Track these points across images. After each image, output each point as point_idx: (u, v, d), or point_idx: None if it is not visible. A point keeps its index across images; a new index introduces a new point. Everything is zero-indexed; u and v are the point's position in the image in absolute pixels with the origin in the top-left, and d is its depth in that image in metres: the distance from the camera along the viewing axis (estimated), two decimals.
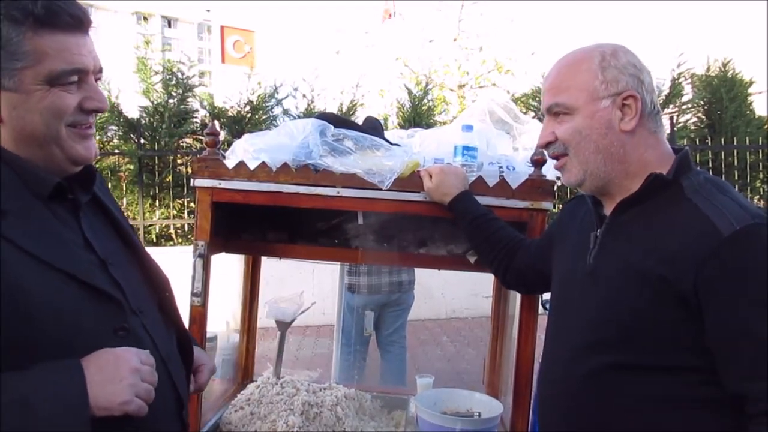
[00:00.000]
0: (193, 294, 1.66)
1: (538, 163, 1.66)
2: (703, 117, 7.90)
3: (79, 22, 0.94)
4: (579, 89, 1.14)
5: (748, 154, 7.45)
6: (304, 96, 7.63)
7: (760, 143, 7.47)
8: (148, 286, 1.10)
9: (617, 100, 1.12)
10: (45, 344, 0.87)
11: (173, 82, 7.13)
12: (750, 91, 8.00)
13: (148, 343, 1.00)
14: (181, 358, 1.14)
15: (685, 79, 7.90)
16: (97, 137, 6.39)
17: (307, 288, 2.36)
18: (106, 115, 6.47)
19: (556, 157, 1.21)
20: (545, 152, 1.28)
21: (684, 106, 7.85)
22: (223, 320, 2.39)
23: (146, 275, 1.10)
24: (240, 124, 7.13)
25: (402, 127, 7.29)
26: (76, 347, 0.89)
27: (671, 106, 7.71)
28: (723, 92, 7.60)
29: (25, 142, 0.94)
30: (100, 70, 1.00)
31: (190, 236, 6.95)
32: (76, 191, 1.01)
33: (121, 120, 6.79)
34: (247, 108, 7.42)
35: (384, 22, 12.18)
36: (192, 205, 6.98)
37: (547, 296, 1.47)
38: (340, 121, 1.81)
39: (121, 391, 0.88)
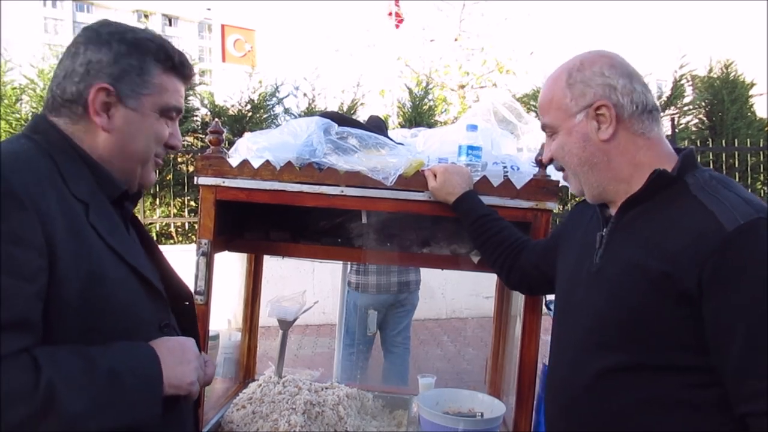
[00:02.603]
0: (195, 292, 1.66)
1: (542, 163, 1.66)
2: (705, 119, 7.90)
3: (192, 76, 1.16)
4: (556, 109, 1.19)
5: (749, 155, 7.45)
6: (305, 95, 7.64)
7: (761, 145, 7.47)
8: (169, 295, 1.16)
9: (590, 112, 1.14)
10: (110, 330, 0.94)
11: None
12: (751, 92, 8.00)
13: None
14: None
15: (687, 81, 7.90)
16: None
17: (307, 287, 2.35)
18: None
19: (561, 170, 1.28)
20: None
21: (685, 108, 7.85)
22: (224, 319, 2.39)
23: (166, 283, 1.16)
24: (241, 123, 7.13)
25: (403, 126, 7.28)
26: (133, 336, 0.97)
27: (672, 107, 7.71)
28: (724, 94, 7.61)
29: (121, 153, 1.06)
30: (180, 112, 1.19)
31: (190, 234, 6.95)
32: (128, 202, 1.14)
33: None
34: (248, 107, 7.42)
35: (389, 20, 12.14)
36: (192, 203, 6.98)
37: (551, 297, 1.47)
38: (344, 119, 1.81)
39: (190, 372, 0.99)
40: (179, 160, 7.00)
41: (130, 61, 1.03)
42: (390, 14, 11.99)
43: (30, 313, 0.84)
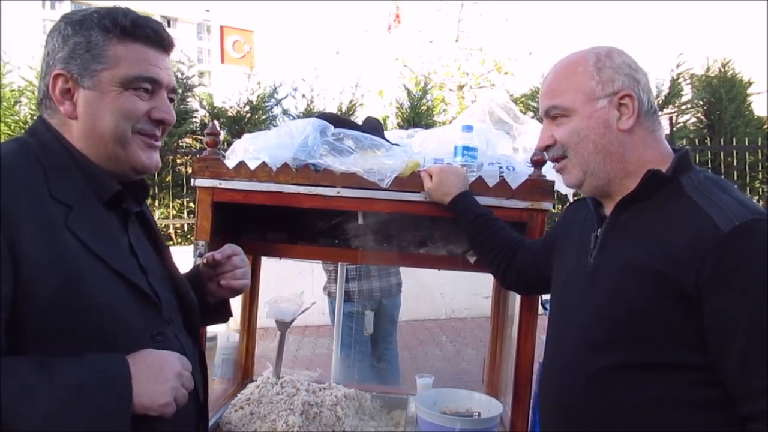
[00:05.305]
0: None
1: (538, 163, 1.66)
2: (703, 117, 7.91)
3: (161, 39, 1.04)
4: (575, 91, 1.14)
5: (747, 154, 7.45)
6: (303, 96, 7.65)
7: (759, 143, 7.48)
8: (176, 301, 1.13)
9: (614, 99, 1.13)
10: (88, 336, 0.91)
11: None
12: (749, 91, 8.01)
13: (179, 351, 1.02)
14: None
15: (685, 80, 7.91)
16: None
17: (306, 288, 2.35)
18: None
19: (555, 160, 1.22)
20: (545, 154, 1.28)
21: (683, 107, 7.87)
22: None
23: (175, 291, 1.13)
24: (239, 124, 7.14)
25: (401, 127, 7.29)
26: (116, 345, 0.93)
27: (670, 106, 7.72)
28: (722, 92, 7.62)
29: (93, 140, 1.00)
30: (173, 90, 1.09)
31: (189, 236, 6.95)
32: (129, 201, 1.07)
33: None
34: (247, 108, 7.43)
35: (390, 29, 12.20)
36: (191, 204, 6.98)
37: (547, 297, 1.47)
38: (340, 121, 1.81)
39: (164, 392, 0.91)
40: (178, 161, 7.02)
41: (76, 39, 0.98)
42: (397, 17, 12.02)
43: None
